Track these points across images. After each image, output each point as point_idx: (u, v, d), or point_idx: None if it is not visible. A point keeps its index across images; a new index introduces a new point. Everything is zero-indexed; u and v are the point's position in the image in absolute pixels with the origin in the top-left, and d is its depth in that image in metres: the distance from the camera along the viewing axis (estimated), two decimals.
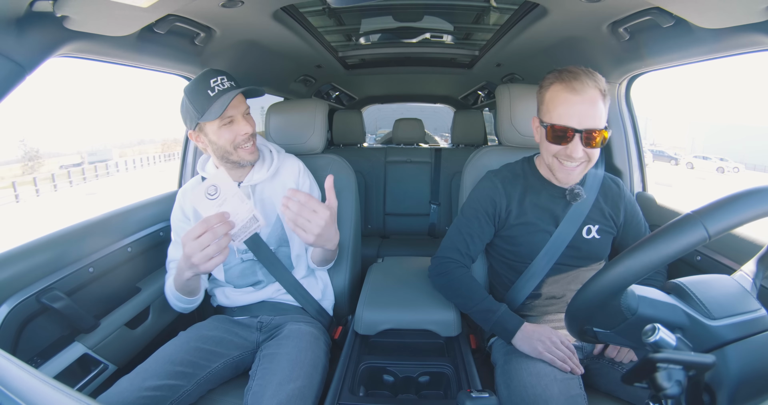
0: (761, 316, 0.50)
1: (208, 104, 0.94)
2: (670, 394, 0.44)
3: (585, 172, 0.93)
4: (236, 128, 0.98)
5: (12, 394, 0.35)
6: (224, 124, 0.97)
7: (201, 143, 1.02)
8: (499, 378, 0.91)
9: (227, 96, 0.93)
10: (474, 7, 1.45)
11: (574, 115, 0.85)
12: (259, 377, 0.87)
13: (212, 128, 0.97)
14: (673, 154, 24.87)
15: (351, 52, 1.95)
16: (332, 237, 0.91)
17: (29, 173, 26.77)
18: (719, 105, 79.34)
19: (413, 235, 2.31)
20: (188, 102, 0.96)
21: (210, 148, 1.02)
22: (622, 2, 0.96)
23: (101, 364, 0.96)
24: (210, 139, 0.99)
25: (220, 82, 0.95)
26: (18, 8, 0.66)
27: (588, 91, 0.84)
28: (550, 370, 0.83)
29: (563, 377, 0.82)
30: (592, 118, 0.84)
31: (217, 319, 1.07)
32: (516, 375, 0.85)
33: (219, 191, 0.81)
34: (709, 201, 0.47)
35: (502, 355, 0.94)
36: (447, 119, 3.27)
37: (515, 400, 0.81)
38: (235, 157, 1.01)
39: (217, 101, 0.94)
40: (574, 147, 0.85)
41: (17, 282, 0.81)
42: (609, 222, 1.01)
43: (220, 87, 0.95)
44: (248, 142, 1.01)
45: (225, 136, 0.98)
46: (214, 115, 0.92)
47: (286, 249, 1.11)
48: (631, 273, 0.48)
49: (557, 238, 0.97)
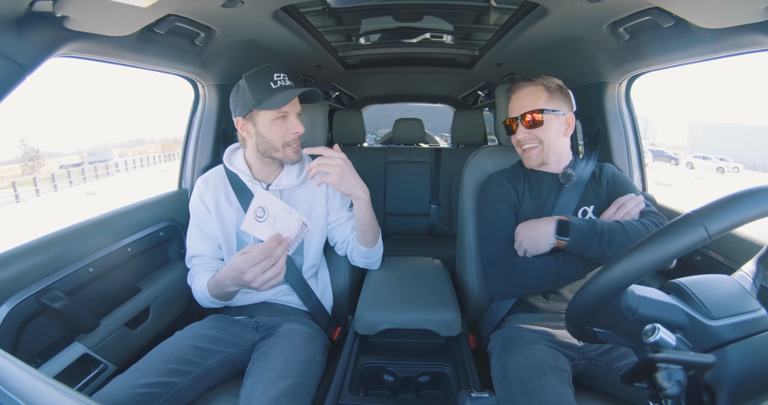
0: (761, 316, 0.50)
1: (269, 95, 0.97)
2: (670, 394, 0.44)
3: (543, 154, 1.03)
4: (289, 125, 1.01)
5: (12, 394, 0.35)
6: (278, 118, 0.99)
7: (246, 132, 1.04)
8: (494, 363, 0.94)
9: (290, 92, 0.97)
10: (474, 7, 1.45)
11: (513, 108, 1.05)
12: (253, 376, 0.88)
13: (264, 120, 0.99)
14: (673, 154, 24.89)
15: (351, 52, 1.95)
16: (355, 182, 1.01)
17: (29, 173, 26.79)
18: (719, 105, 79.27)
19: (413, 235, 2.31)
20: (247, 88, 0.97)
21: (254, 139, 1.03)
22: (622, 2, 0.96)
23: (101, 364, 0.96)
24: (258, 131, 1.01)
25: (283, 78, 1.00)
26: (18, 8, 0.66)
27: (523, 89, 1.03)
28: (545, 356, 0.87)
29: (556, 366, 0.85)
30: (527, 105, 1.01)
31: (214, 318, 1.07)
32: (512, 358, 0.89)
33: (267, 211, 0.82)
34: (709, 201, 0.47)
35: (500, 344, 0.97)
36: (447, 119, 3.27)
37: (509, 376, 0.84)
38: (280, 155, 1.03)
39: (279, 94, 0.97)
40: (519, 131, 1.04)
41: (17, 282, 0.81)
42: (603, 202, 1.04)
43: (283, 83, 0.99)
44: (296, 142, 1.04)
45: (276, 132, 1.00)
46: (275, 105, 0.95)
47: (299, 258, 1.13)
48: (631, 273, 0.48)
49: None
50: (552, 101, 1.01)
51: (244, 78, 0.99)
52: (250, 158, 1.09)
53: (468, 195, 1.21)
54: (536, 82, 1.03)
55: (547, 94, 1.01)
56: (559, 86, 1.03)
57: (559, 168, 1.07)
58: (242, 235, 1.09)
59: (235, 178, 1.09)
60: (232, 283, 0.89)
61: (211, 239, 1.11)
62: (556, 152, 1.04)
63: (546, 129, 1.01)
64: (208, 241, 1.11)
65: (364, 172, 1.00)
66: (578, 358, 0.93)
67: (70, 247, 0.94)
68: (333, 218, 1.17)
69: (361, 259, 1.19)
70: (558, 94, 1.02)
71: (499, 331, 1.04)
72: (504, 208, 1.05)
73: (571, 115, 1.04)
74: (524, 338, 0.94)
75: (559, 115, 1.01)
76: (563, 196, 1.03)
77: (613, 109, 1.38)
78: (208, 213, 1.09)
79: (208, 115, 1.43)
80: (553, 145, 1.02)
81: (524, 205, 1.05)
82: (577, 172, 1.05)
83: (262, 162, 1.07)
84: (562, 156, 1.07)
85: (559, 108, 1.01)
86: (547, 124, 1.00)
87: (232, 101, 1.04)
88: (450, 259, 1.41)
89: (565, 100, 1.03)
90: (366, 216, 1.07)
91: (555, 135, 1.02)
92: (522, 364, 0.85)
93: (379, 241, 1.19)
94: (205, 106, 1.43)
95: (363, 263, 1.21)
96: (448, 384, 0.92)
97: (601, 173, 1.07)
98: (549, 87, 1.01)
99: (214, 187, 1.10)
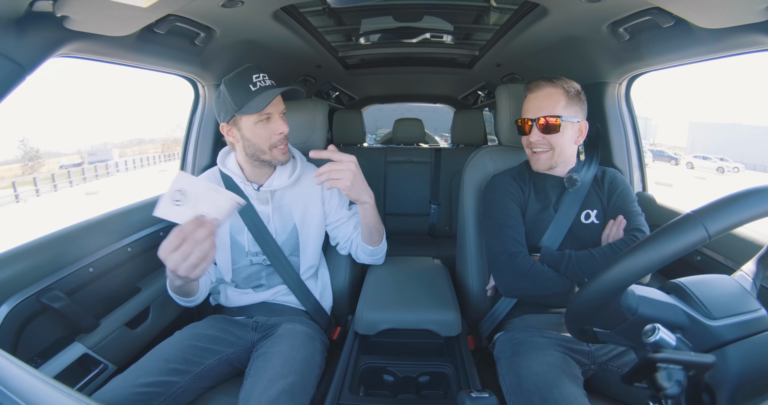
0: (761, 316, 0.50)
1: (249, 98, 0.94)
2: (670, 394, 0.44)
3: (552, 160, 1.02)
4: (273, 127, 0.98)
5: (12, 394, 0.35)
6: (261, 120, 0.97)
7: (232, 137, 1.02)
8: (504, 369, 0.92)
9: (270, 93, 0.94)
10: (474, 7, 1.45)
11: (529, 109, 1.02)
12: (252, 375, 0.87)
13: (248, 123, 0.97)
14: (672, 154, 24.88)
15: (351, 52, 1.95)
16: (363, 187, 0.98)
17: (29, 173, 26.78)
18: (719, 105, 79.29)
19: (413, 235, 2.31)
20: (227, 93, 0.95)
21: (241, 143, 1.01)
22: (622, 2, 0.96)
23: (101, 364, 0.96)
24: (243, 135, 0.99)
25: (262, 78, 0.96)
26: (18, 8, 0.66)
27: (543, 89, 1.00)
28: (559, 362, 0.85)
29: (570, 373, 0.83)
30: (545, 108, 0.98)
31: (214, 318, 1.07)
32: (526, 364, 0.87)
33: (186, 194, 0.73)
34: (709, 201, 0.47)
35: (509, 348, 0.96)
36: (447, 119, 3.27)
37: (525, 385, 0.82)
38: (267, 157, 1.01)
39: (258, 96, 0.94)
40: (532, 134, 1.00)
41: (17, 282, 0.81)
42: (605, 206, 1.04)
43: (262, 84, 0.96)
44: (283, 143, 1.01)
45: (261, 134, 0.98)
46: (255, 109, 0.92)
47: (296, 259, 1.12)
48: (631, 273, 0.48)
49: (558, 222, 1.01)
50: (570, 108, 0.98)
51: (223, 83, 0.96)
52: (241, 161, 1.08)
53: (468, 195, 1.21)
54: (557, 84, 0.99)
55: (566, 99, 0.98)
56: (578, 92, 1.00)
57: (564, 171, 1.06)
58: (236, 236, 1.08)
59: (230, 181, 1.09)
60: (170, 275, 0.81)
61: None
62: (565, 158, 1.03)
63: (560, 136, 0.99)
64: None
65: (364, 172, 0.99)
66: (588, 363, 0.92)
67: (70, 247, 0.94)
68: (334, 218, 1.16)
69: (366, 257, 1.18)
70: (576, 101, 0.99)
71: (505, 334, 1.03)
72: (512, 205, 1.04)
73: (585, 123, 1.02)
74: (535, 343, 0.93)
75: (574, 123, 0.99)
76: (566, 199, 1.02)
77: (613, 109, 1.38)
78: None
79: (208, 115, 1.43)
80: (564, 152, 1.01)
81: (529, 206, 1.04)
82: (580, 176, 1.04)
83: (252, 164, 1.05)
84: (568, 161, 1.06)
85: (575, 115, 0.99)
86: (563, 131, 0.98)
87: (215, 107, 1.01)
88: (450, 259, 1.41)
89: (581, 107, 1.01)
90: (372, 219, 1.07)
91: (567, 142, 1.00)
92: (537, 371, 0.83)
93: (384, 239, 1.19)
94: (205, 106, 1.43)
95: (369, 260, 1.21)
96: (448, 384, 0.92)
97: (604, 177, 1.07)
98: (569, 92, 0.98)
99: None
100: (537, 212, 1.04)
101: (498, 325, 1.09)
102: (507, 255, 0.96)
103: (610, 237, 0.98)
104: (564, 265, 0.93)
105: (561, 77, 1.00)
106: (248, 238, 1.07)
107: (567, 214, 1.01)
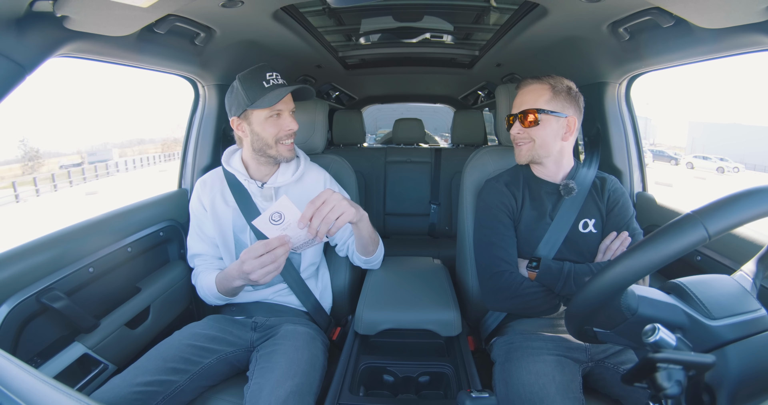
0: (761, 316, 0.50)
1: (261, 94, 0.98)
2: (670, 394, 0.44)
3: (532, 151, 1.02)
4: (282, 123, 1.02)
5: (12, 394, 0.35)
6: (271, 116, 1.01)
7: (241, 132, 1.06)
8: (497, 375, 0.92)
9: (282, 90, 0.99)
10: (474, 7, 1.45)
11: (515, 104, 1.05)
12: (257, 376, 0.88)
13: (259, 118, 1.01)
14: (673, 154, 24.87)
15: (351, 52, 1.95)
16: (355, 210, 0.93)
17: (29, 173, 26.78)
18: (719, 105, 79.25)
19: (413, 235, 2.31)
20: (241, 88, 0.99)
21: (249, 138, 1.04)
22: (622, 2, 0.96)
23: (101, 364, 0.96)
24: (253, 129, 1.02)
25: (276, 77, 1.01)
26: (18, 8, 0.66)
27: (529, 86, 1.02)
28: (550, 370, 0.84)
29: (562, 379, 0.83)
30: (527, 102, 1.00)
31: (213, 318, 1.07)
32: (515, 373, 0.87)
33: (283, 217, 0.85)
34: (709, 201, 0.47)
35: (503, 353, 0.96)
36: (447, 119, 3.27)
37: (512, 397, 0.83)
38: (273, 152, 1.04)
39: (271, 92, 0.99)
40: (513, 127, 1.03)
41: (17, 282, 0.81)
42: (604, 216, 1.03)
43: (275, 81, 1.00)
44: (289, 139, 1.05)
45: (269, 129, 1.02)
46: (267, 103, 0.97)
47: (297, 256, 1.13)
48: (631, 273, 0.48)
49: (554, 231, 1.00)
50: (554, 102, 0.98)
51: (237, 78, 1.01)
52: (246, 158, 1.11)
53: (468, 195, 1.21)
54: (543, 81, 1.00)
55: (550, 94, 0.98)
56: (567, 88, 1.00)
57: (558, 176, 1.05)
58: (239, 234, 1.09)
59: (232, 178, 1.11)
60: (237, 274, 0.91)
61: (210, 239, 1.12)
62: (550, 154, 1.01)
63: (540, 129, 0.99)
64: (206, 241, 1.12)
65: (364, 172, 0.99)
66: (586, 361, 0.92)
67: (70, 247, 0.94)
68: None
69: (362, 263, 1.20)
70: (564, 96, 0.98)
71: (501, 338, 1.02)
72: (502, 217, 1.02)
73: (574, 119, 1.00)
74: (528, 349, 0.93)
75: (559, 118, 0.98)
76: (563, 207, 1.01)
77: (613, 109, 1.38)
78: (205, 212, 1.10)
79: (208, 115, 1.43)
80: (546, 146, 1.00)
81: (524, 214, 1.03)
82: (578, 180, 1.03)
83: (258, 161, 1.08)
84: (561, 161, 1.04)
85: (561, 110, 0.98)
86: (543, 124, 0.98)
87: (227, 102, 1.06)
88: (450, 259, 1.41)
89: (571, 103, 0.99)
90: (365, 234, 1.07)
91: (551, 137, 0.99)
92: (525, 382, 0.83)
93: (380, 246, 1.20)
94: (205, 106, 1.43)
95: (364, 266, 1.22)
96: (448, 384, 0.92)
97: (604, 187, 1.04)
98: (555, 87, 0.99)
99: (211, 188, 1.12)
100: (532, 221, 1.02)
101: (497, 326, 1.09)
102: (491, 274, 0.99)
103: (610, 251, 0.97)
104: (562, 282, 0.92)
105: (553, 75, 1.01)
106: (251, 237, 1.08)
107: (564, 223, 0.99)
